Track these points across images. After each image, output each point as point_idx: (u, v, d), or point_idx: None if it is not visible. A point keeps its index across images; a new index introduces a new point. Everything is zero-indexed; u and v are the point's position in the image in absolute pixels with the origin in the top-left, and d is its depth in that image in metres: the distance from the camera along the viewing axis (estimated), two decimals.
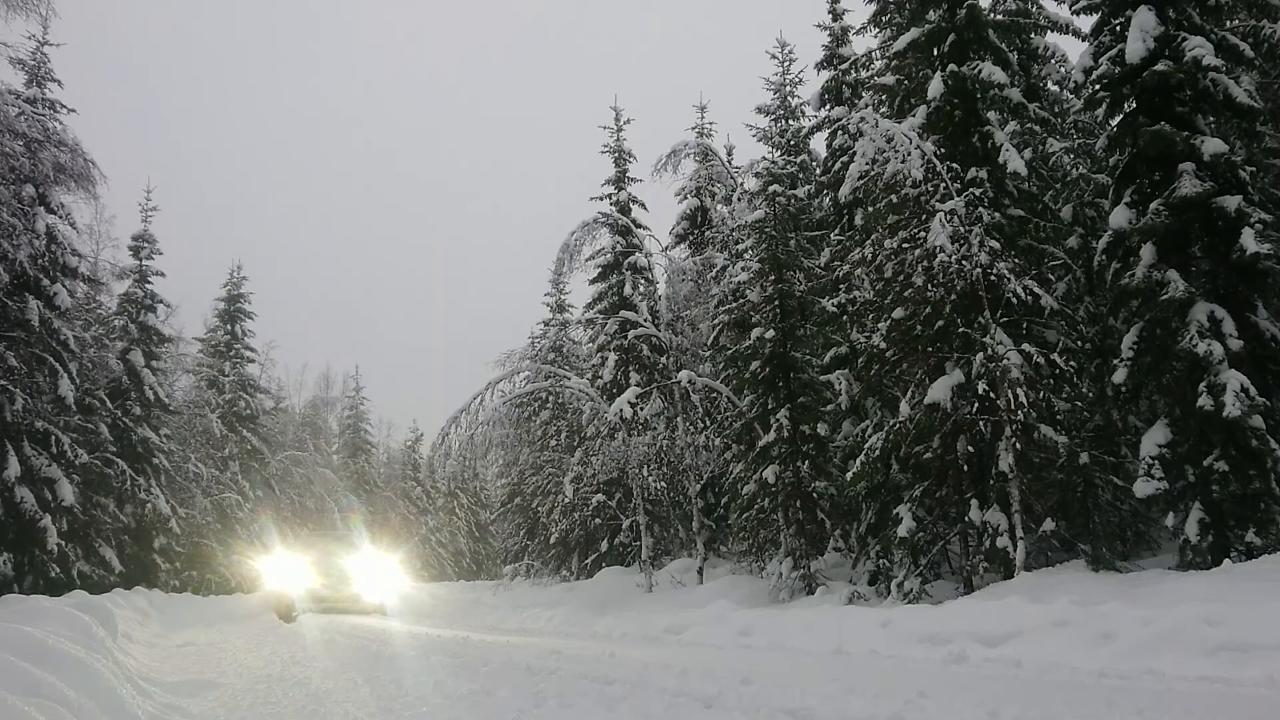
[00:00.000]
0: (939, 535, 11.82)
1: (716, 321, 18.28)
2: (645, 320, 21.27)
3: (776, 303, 15.11)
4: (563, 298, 29.14)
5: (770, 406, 14.99)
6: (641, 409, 17.25)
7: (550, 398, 20.29)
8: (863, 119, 11.82)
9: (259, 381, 34.30)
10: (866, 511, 13.71)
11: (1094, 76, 10.84)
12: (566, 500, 21.13)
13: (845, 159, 15.15)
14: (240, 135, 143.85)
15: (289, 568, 16.65)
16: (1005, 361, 10.54)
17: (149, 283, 26.07)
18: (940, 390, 10.99)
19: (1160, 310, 9.85)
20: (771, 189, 15.69)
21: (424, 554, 44.16)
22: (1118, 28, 10.81)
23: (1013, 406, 10.55)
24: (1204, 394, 9.22)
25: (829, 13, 18.26)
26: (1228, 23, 11.25)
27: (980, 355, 10.78)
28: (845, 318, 15.14)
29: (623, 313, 21.40)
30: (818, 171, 19.18)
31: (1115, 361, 10.52)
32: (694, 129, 23.92)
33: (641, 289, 22.35)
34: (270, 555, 19.27)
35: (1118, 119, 11.02)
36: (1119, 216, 10.41)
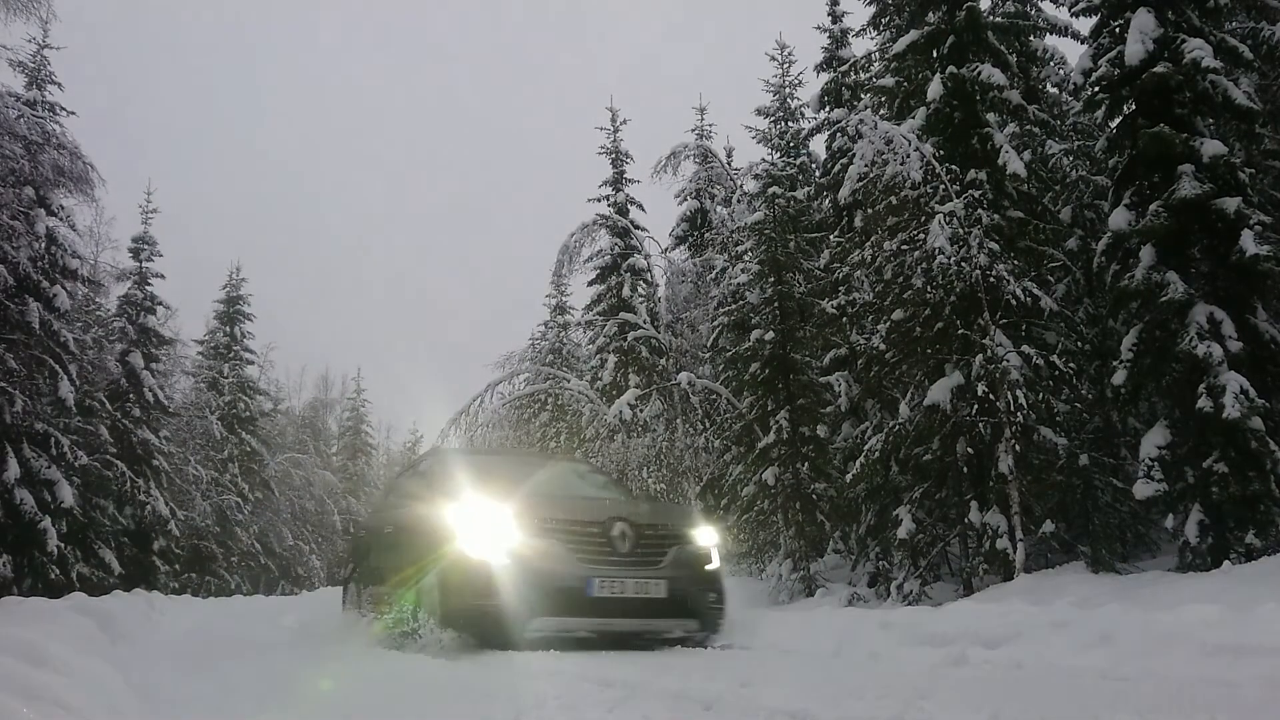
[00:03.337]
0: (938, 537, 11.82)
1: (716, 323, 18.29)
2: (644, 322, 21.27)
3: (776, 304, 15.12)
4: (563, 299, 29.16)
5: (770, 408, 14.99)
6: (641, 411, 17.25)
7: (549, 400, 20.29)
8: (862, 121, 11.83)
9: (258, 383, 34.38)
10: (866, 513, 13.71)
11: (1093, 78, 10.85)
12: None
13: (844, 161, 15.15)
14: (241, 137, 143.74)
15: (495, 527, 6.62)
16: (1005, 363, 10.54)
17: (149, 284, 26.12)
18: (940, 392, 11.00)
19: (1160, 312, 9.85)
20: (771, 191, 15.71)
21: None
22: (1117, 30, 10.81)
23: (1012, 408, 10.56)
24: (1203, 396, 9.22)
25: (828, 15, 18.29)
26: (1227, 24, 11.26)
27: (979, 357, 10.78)
28: (845, 319, 15.15)
29: (622, 314, 21.41)
30: (817, 173, 19.19)
31: (1115, 363, 10.52)
32: (693, 130, 23.93)
33: (641, 291, 22.35)
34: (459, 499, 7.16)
35: (1117, 121, 11.03)
36: (1118, 218, 10.42)
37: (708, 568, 7.21)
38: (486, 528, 6.48)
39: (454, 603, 6.41)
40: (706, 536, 7.33)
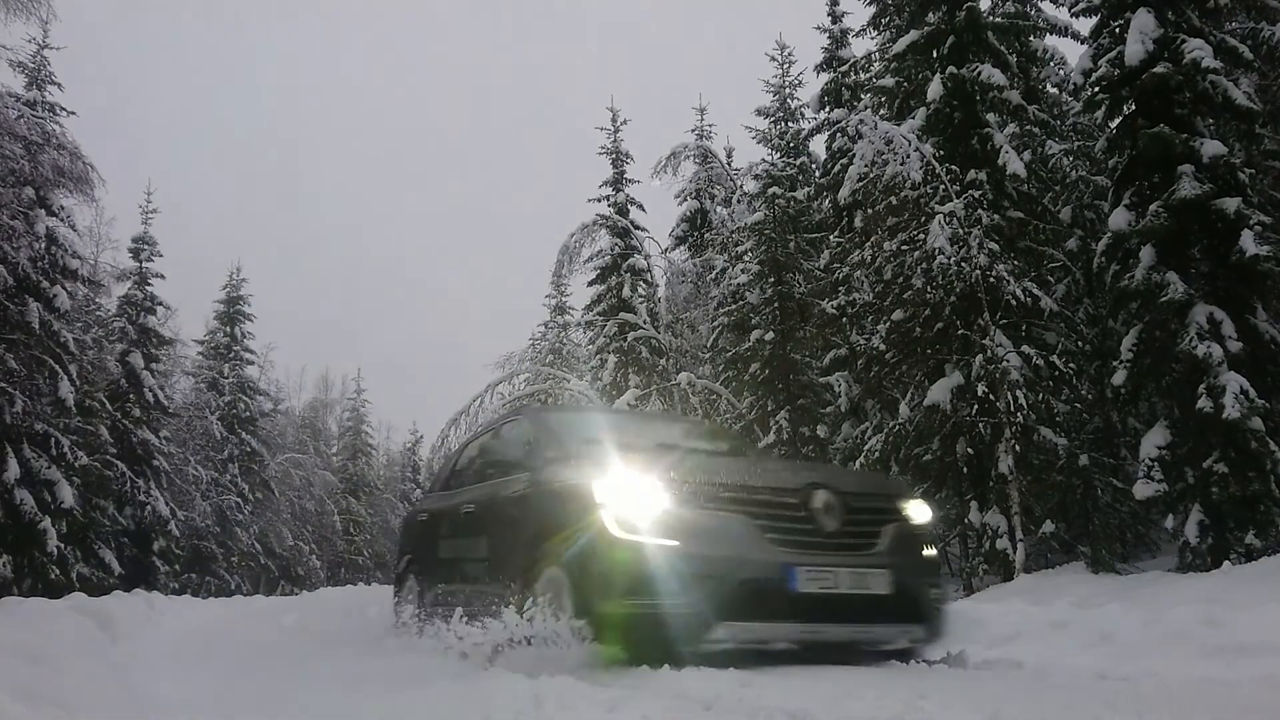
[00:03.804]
0: (939, 537, 11.84)
1: (716, 323, 18.30)
2: (644, 322, 21.27)
3: (776, 305, 15.15)
4: (563, 299, 29.19)
5: (770, 408, 15.02)
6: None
7: (549, 400, 20.29)
8: (862, 121, 11.85)
9: (258, 383, 34.34)
10: None
11: (1093, 79, 10.87)
12: None
13: (844, 161, 15.17)
14: (241, 137, 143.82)
15: (648, 497, 4.42)
16: (1005, 363, 10.55)
17: (149, 285, 26.11)
18: (940, 392, 11.01)
19: (1160, 312, 9.86)
20: (771, 191, 15.74)
21: None
22: (1117, 30, 10.83)
23: (1012, 408, 10.56)
24: (1203, 396, 9.23)
25: (828, 15, 18.32)
26: (1227, 25, 11.28)
27: (979, 357, 10.79)
28: (845, 320, 15.16)
29: (622, 315, 21.40)
30: (817, 174, 19.20)
31: (1115, 363, 10.54)
32: (693, 131, 23.94)
33: (641, 291, 22.35)
34: (589, 462, 4.87)
35: (1117, 121, 11.04)
36: (1118, 218, 10.43)
37: (927, 553, 5.30)
38: (636, 499, 4.47)
39: (596, 604, 4.52)
40: (921, 512, 5.30)
